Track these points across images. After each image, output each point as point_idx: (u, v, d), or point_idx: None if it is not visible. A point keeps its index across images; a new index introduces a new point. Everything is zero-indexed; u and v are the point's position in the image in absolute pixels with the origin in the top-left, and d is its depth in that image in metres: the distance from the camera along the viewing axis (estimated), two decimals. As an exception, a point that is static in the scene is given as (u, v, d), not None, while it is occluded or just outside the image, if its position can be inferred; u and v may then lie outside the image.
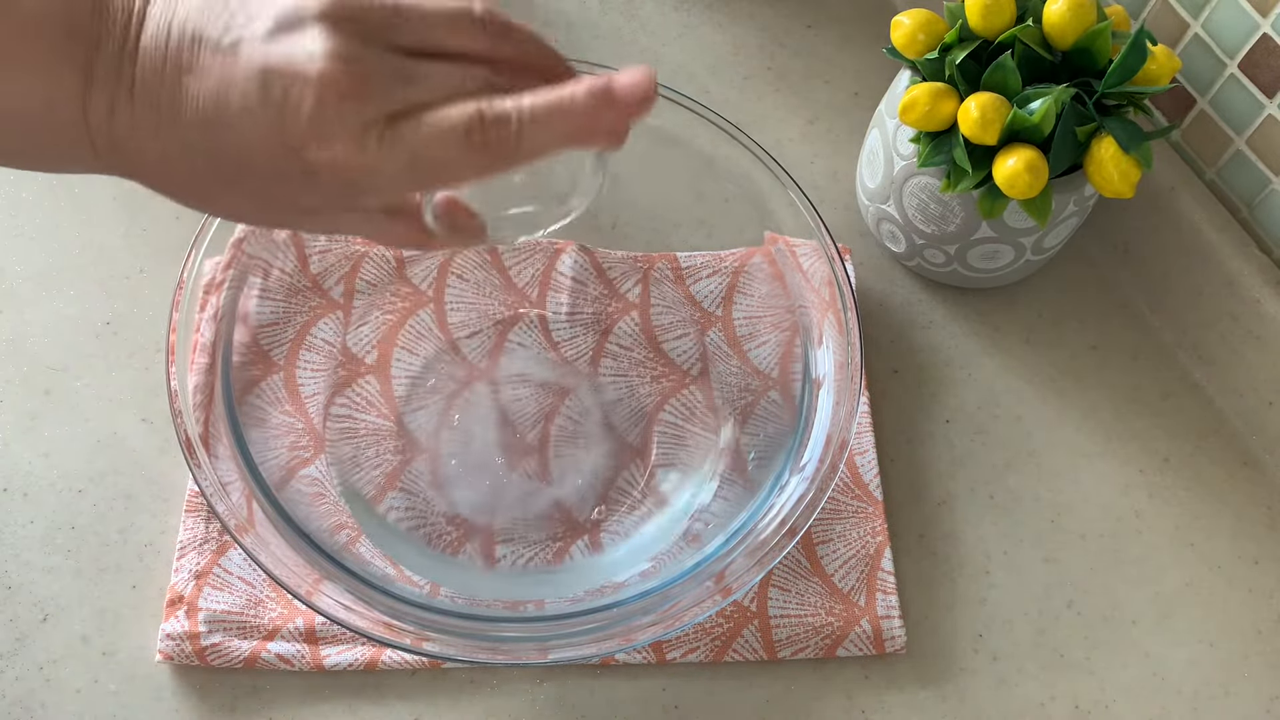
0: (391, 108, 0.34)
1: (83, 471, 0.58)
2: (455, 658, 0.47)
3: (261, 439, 0.53)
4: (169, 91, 0.34)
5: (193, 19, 0.34)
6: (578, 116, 0.35)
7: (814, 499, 0.50)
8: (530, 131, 0.35)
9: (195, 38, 0.34)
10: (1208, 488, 0.62)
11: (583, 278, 0.63)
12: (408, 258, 0.63)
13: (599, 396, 0.61)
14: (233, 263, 0.55)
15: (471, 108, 0.35)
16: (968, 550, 0.59)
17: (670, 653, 0.54)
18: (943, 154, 0.58)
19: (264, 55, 0.33)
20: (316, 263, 0.61)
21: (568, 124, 0.35)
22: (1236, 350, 0.63)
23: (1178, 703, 0.56)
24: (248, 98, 0.33)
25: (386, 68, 0.34)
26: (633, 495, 0.58)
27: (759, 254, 0.61)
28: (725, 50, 0.76)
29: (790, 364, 0.58)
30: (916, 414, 0.63)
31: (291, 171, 0.34)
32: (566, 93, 0.35)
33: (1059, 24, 0.56)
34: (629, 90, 0.36)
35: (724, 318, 0.62)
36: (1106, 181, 0.56)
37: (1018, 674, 0.56)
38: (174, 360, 0.51)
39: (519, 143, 0.35)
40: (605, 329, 0.62)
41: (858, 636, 0.55)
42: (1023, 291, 0.68)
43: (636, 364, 0.62)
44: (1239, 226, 0.63)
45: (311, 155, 0.34)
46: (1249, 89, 0.60)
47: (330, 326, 0.60)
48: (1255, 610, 0.59)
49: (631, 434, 0.60)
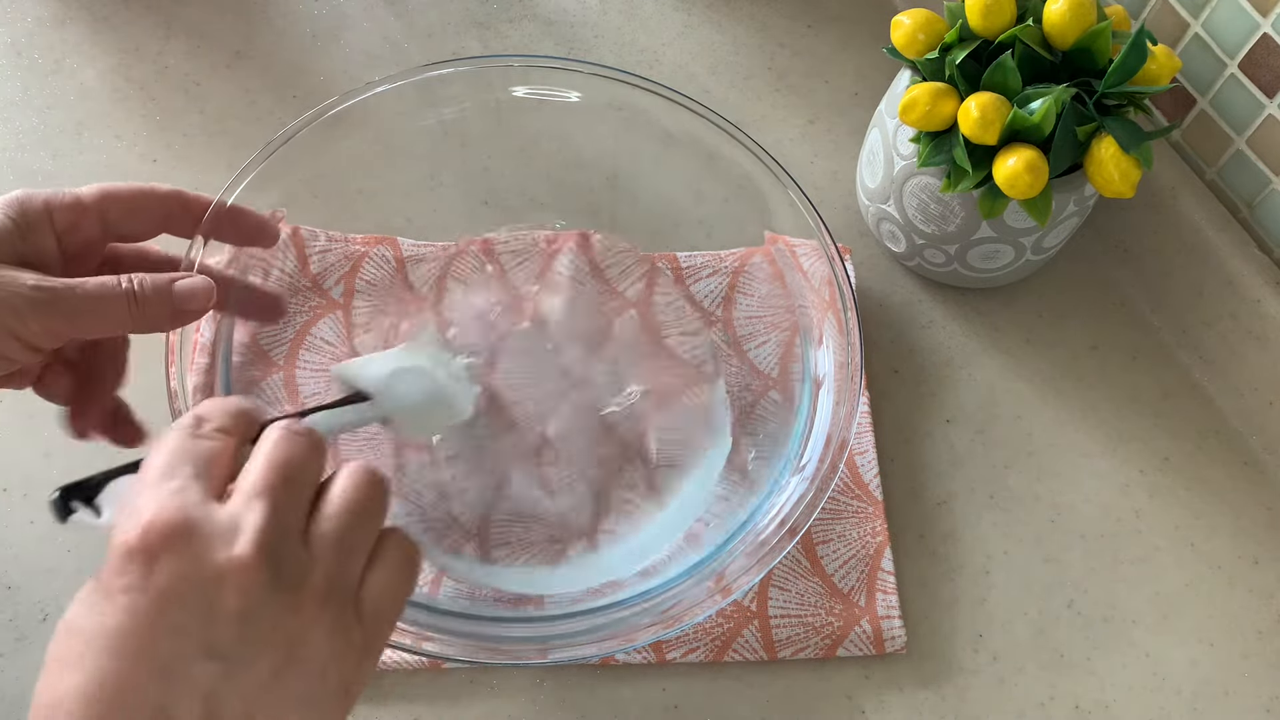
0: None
1: (82, 472, 0.57)
2: (455, 658, 0.47)
3: (261, 439, 0.53)
4: None
5: None
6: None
7: (814, 499, 0.50)
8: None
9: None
10: (1208, 488, 0.62)
11: (581, 278, 0.63)
12: (406, 257, 0.63)
13: (599, 396, 0.61)
14: (233, 263, 0.55)
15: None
16: (968, 550, 0.59)
17: (670, 653, 0.54)
18: (943, 154, 0.58)
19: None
20: (316, 263, 0.61)
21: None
22: (1236, 350, 0.63)
23: (1178, 703, 0.56)
24: None
25: None
26: (632, 495, 0.58)
27: (759, 254, 0.61)
28: (725, 50, 0.76)
29: (790, 364, 0.58)
30: (916, 414, 0.63)
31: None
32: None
33: (1059, 24, 0.56)
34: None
35: (724, 318, 0.62)
36: (1106, 181, 0.56)
37: (1018, 674, 0.56)
38: (174, 360, 0.51)
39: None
40: (605, 329, 0.62)
41: (858, 636, 0.55)
42: (1023, 291, 0.68)
43: (636, 364, 0.62)
44: (1239, 226, 0.63)
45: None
46: (1249, 89, 0.60)
47: (330, 326, 0.60)
48: (1255, 610, 0.59)
49: (631, 433, 0.60)
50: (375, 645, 0.37)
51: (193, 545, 0.34)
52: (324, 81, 0.72)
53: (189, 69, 0.72)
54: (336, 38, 0.74)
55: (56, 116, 0.69)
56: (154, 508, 0.35)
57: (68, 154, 0.68)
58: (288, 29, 0.74)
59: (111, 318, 0.44)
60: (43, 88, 0.70)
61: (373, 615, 0.37)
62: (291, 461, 0.37)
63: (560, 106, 0.61)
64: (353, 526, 0.37)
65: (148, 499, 0.35)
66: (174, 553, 0.34)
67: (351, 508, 0.37)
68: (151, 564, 0.34)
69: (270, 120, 0.70)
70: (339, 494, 0.37)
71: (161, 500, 0.35)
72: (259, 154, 0.55)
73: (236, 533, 0.35)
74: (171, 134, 0.69)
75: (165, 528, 0.34)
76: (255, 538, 0.34)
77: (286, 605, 0.35)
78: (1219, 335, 0.64)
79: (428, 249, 0.64)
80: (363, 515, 0.37)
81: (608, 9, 0.77)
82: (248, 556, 0.34)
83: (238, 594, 0.34)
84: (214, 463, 0.37)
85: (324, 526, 0.37)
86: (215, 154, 0.68)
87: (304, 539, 0.36)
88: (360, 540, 0.37)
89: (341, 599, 0.36)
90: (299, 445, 0.37)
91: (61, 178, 0.67)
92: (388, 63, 0.73)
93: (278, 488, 0.36)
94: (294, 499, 0.36)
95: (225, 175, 0.55)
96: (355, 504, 0.37)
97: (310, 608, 0.35)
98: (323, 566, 0.36)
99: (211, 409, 0.39)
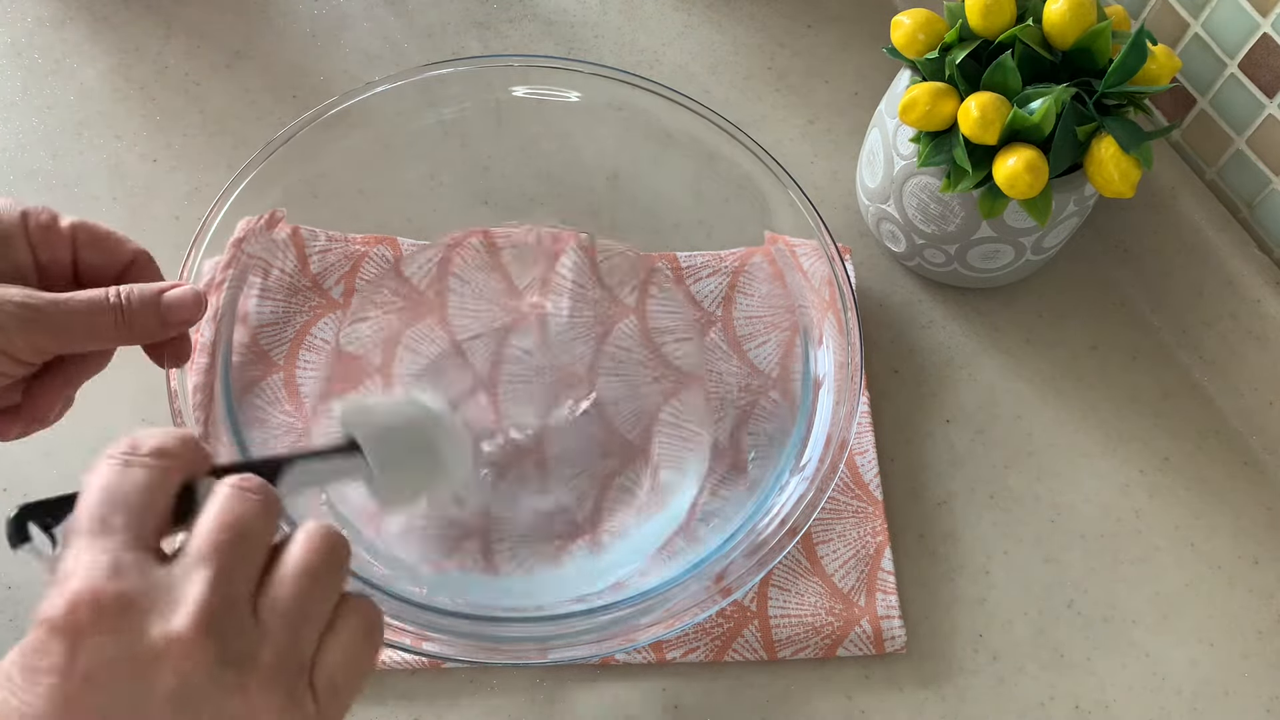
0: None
1: (82, 472, 0.58)
2: (455, 658, 0.47)
3: (261, 439, 0.53)
4: None
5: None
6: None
7: (814, 499, 0.50)
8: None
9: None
10: (1208, 488, 0.62)
11: (583, 280, 0.63)
12: (405, 256, 0.63)
13: (599, 397, 0.61)
14: (233, 263, 0.55)
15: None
16: (968, 550, 0.59)
17: (670, 653, 0.54)
18: (943, 154, 0.58)
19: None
20: (316, 263, 0.61)
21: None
22: (1236, 350, 0.63)
23: (1178, 703, 0.56)
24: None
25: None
26: (633, 495, 0.58)
27: (759, 254, 0.61)
28: (725, 50, 0.76)
29: (790, 364, 0.58)
30: (916, 414, 0.63)
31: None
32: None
33: (1059, 24, 0.56)
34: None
35: (724, 318, 0.62)
36: (1106, 181, 0.56)
37: (1018, 674, 0.56)
38: (174, 360, 0.51)
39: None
40: (606, 330, 0.62)
41: (858, 636, 0.55)
42: (1023, 291, 0.68)
43: (637, 364, 0.62)
44: (1239, 226, 0.63)
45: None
46: (1249, 89, 0.60)
47: (330, 326, 0.60)
48: (1255, 610, 0.59)
49: (632, 434, 0.59)
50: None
51: (126, 620, 0.31)
52: (324, 81, 0.72)
53: (189, 69, 0.72)
54: (336, 38, 0.74)
55: (56, 116, 0.69)
56: (82, 576, 0.31)
57: (68, 154, 0.68)
58: (288, 29, 0.74)
59: (100, 333, 0.43)
60: (43, 88, 0.70)
61: (329, 691, 0.34)
62: (242, 521, 0.34)
63: (560, 106, 0.61)
64: (308, 593, 0.34)
65: (76, 561, 0.32)
66: (103, 631, 0.31)
67: (308, 571, 0.34)
68: (77, 644, 0.31)
69: (270, 120, 0.70)
70: (293, 558, 0.34)
71: (91, 567, 0.32)
72: (259, 154, 0.55)
73: (176, 605, 0.32)
74: (171, 134, 0.69)
75: (94, 603, 0.31)
76: (197, 610, 0.31)
77: (231, 686, 0.32)
78: (1219, 335, 0.64)
79: (427, 249, 0.64)
80: (320, 581, 0.34)
81: (608, 9, 0.77)
82: (187, 632, 0.31)
83: (175, 675, 0.31)
84: (151, 504, 0.34)
85: (276, 594, 0.34)
86: (215, 154, 0.68)
87: (253, 608, 0.33)
88: (316, 609, 0.34)
89: (293, 675, 0.33)
90: (251, 504, 0.34)
91: (61, 178, 0.67)
92: (388, 63, 0.73)
93: (225, 551, 0.33)
94: (243, 564, 0.33)
95: (225, 175, 0.55)
96: (311, 568, 0.34)
97: (258, 688, 0.32)
98: (273, 640, 0.33)
99: (147, 433, 0.36)
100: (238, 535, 0.34)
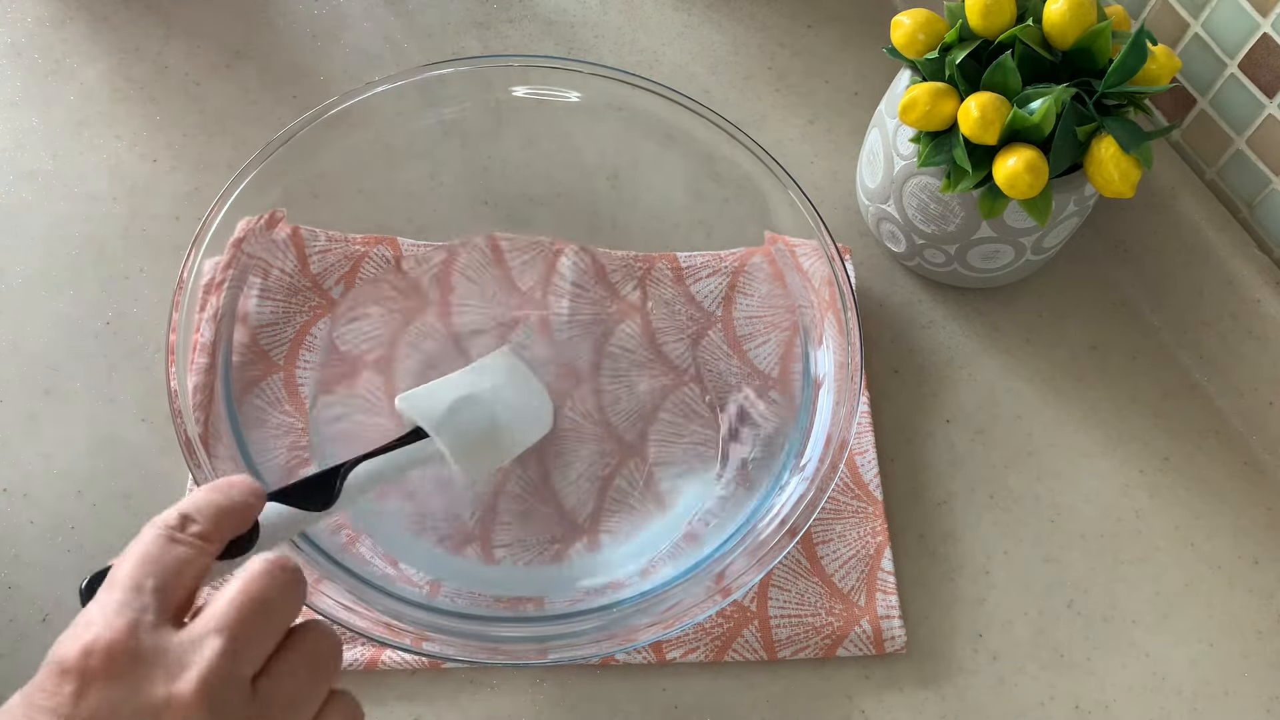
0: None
1: (82, 471, 0.58)
2: (455, 658, 0.47)
3: (261, 439, 0.53)
4: None
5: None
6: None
7: (814, 499, 0.50)
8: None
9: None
10: (1208, 488, 0.62)
11: (583, 281, 0.63)
12: (405, 255, 0.63)
13: (599, 397, 0.61)
14: (233, 263, 0.55)
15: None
16: (968, 550, 0.59)
17: (670, 653, 0.54)
18: (943, 154, 0.58)
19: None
20: (316, 263, 0.61)
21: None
22: (1236, 350, 0.63)
23: (1178, 703, 0.56)
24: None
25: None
26: (632, 495, 0.58)
27: (759, 254, 0.61)
28: (725, 50, 0.76)
29: (790, 364, 0.58)
30: (916, 414, 0.63)
31: None
32: None
33: (1059, 24, 0.56)
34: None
35: (724, 318, 0.62)
36: (1106, 181, 0.56)
37: (1018, 674, 0.56)
38: (174, 360, 0.51)
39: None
40: (606, 330, 0.62)
41: (858, 636, 0.55)
42: (1023, 291, 0.68)
43: (637, 365, 0.62)
44: (1239, 226, 0.63)
45: None
46: (1249, 89, 0.60)
47: (330, 326, 0.60)
48: (1255, 610, 0.59)
49: (631, 434, 0.60)
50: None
51: (133, 673, 0.32)
52: (324, 81, 0.72)
53: (189, 69, 0.72)
54: (336, 38, 0.74)
55: (56, 116, 0.69)
56: (100, 625, 0.33)
57: (68, 154, 0.68)
58: (288, 29, 0.74)
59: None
60: (43, 88, 0.70)
61: None
62: (266, 599, 0.35)
63: (560, 106, 0.61)
64: (308, 683, 0.36)
65: (98, 612, 0.33)
66: (110, 680, 0.32)
67: (311, 664, 0.36)
68: (85, 689, 0.32)
69: (270, 120, 0.70)
70: (302, 649, 0.36)
71: (111, 617, 0.33)
72: (259, 154, 0.55)
73: (183, 667, 0.33)
74: (171, 134, 0.69)
75: (107, 652, 0.32)
76: (201, 676, 0.33)
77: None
78: (1219, 335, 0.64)
79: (428, 249, 0.64)
80: (318, 675, 0.36)
81: (608, 9, 0.77)
82: (188, 695, 0.32)
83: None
84: (182, 575, 0.35)
85: (278, 681, 0.35)
86: (215, 154, 0.68)
87: (253, 687, 0.34)
88: (310, 700, 0.36)
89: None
90: (278, 583, 0.36)
91: (61, 178, 0.67)
92: (388, 63, 0.73)
93: (241, 626, 0.34)
94: (256, 641, 0.35)
95: (225, 175, 0.55)
96: (316, 661, 0.36)
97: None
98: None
99: (201, 508, 0.37)
100: (258, 612, 0.35)
